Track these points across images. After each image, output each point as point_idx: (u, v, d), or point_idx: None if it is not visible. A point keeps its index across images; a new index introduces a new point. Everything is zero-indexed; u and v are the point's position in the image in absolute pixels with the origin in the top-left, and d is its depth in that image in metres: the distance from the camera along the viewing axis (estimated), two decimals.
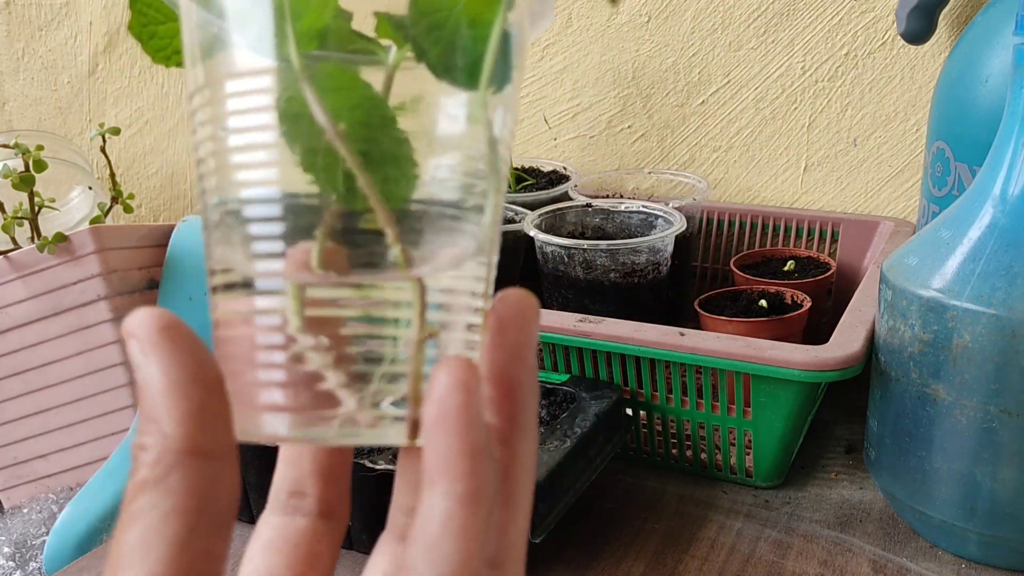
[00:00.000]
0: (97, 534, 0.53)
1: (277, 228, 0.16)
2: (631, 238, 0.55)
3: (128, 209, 0.69)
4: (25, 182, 0.59)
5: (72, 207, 0.72)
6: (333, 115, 0.16)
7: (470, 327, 0.18)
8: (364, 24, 0.16)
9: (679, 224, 0.53)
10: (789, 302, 0.52)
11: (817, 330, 0.54)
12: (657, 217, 0.56)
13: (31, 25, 0.90)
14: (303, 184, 0.16)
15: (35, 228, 0.61)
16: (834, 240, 0.61)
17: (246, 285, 0.17)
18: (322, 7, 0.16)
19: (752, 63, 0.65)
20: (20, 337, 0.60)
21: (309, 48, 0.16)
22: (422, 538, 0.15)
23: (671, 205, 0.56)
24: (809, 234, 0.61)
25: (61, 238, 0.57)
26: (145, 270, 0.62)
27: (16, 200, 0.61)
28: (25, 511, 0.60)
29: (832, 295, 0.57)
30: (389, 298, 0.17)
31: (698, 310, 0.51)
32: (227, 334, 0.17)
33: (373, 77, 0.16)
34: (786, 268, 0.57)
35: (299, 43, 0.16)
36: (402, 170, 0.16)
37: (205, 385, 0.15)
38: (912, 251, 0.39)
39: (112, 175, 0.68)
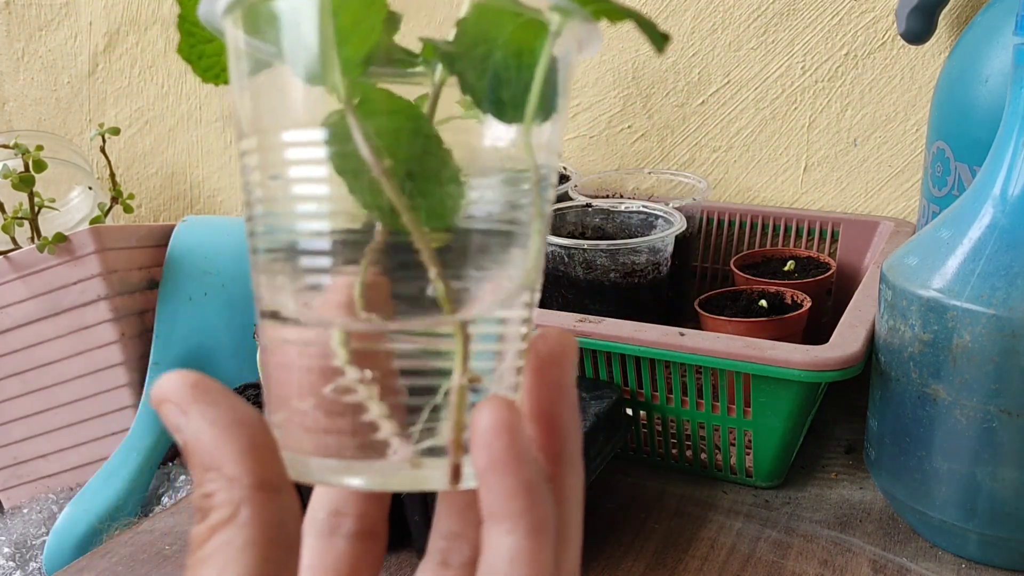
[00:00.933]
0: (97, 534, 0.53)
1: (323, 262, 0.16)
2: (631, 238, 0.55)
3: (128, 209, 0.69)
4: (25, 182, 0.59)
5: (72, 207, 0.72)
6: (379, 138, 0.16)
7: (513, 367, 0.17)
8: (409, 44, 0.16)
9: (679, 224, 0.53)
10: (789, 302, 0.52)
11: (817, 330, 0.54)
12: (657, 217, 0.56)
13: (31, 25, 0.90)
14: (349, 217, 0.16)
15: (35, 228, 0.61)
16: (834, 240, 0.61)
17: (291, 317, 0.17)
18: (368, 32, 0.16)
19: (752, 63, 0.65)
20: (20, 337, 0.60)
21: (355, 74, 0.16)
22: (492, 575, 0.15)
23: (671, 205, 0.56)
24: (809, 234, 0.61)
25: (61, 238, 0.57)
26: (145, 270, 0.62)
27: (16, 200, 0.61)
28: (25, 511, 0.60)
29: (832, 295, 0.56)
30: (431, 341, 0.16)
31: (698, 310, 0.51)
32: (274, 361, 0.17)
33: (418, 97, 0.16)
34: (786, 268, 0.57)
35: (345, 69, 0.16)
36: (447, 190, 0.16)
37: (250, 425, 0.15)
38: (912, 251, 0.39)
39: (112, 175, 0.68)
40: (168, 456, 0.61)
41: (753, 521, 0.43)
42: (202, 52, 0.19)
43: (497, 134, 0.17)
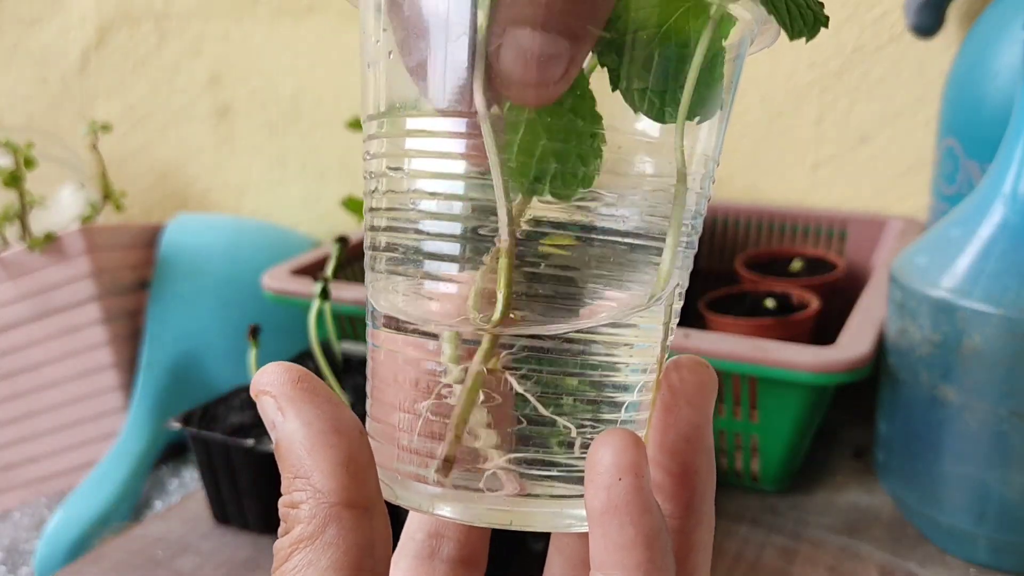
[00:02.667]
0: (88, 539, 0.52)
1: (445, 266, 0.15)
2: None
3: (119, 207, 0.68)
4: (14, 180, 0.58)
5: (63, 205, 0.70)
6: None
7: (639, 397, 0.16)
8: None
9: None
10: (796, 302, 0.51)
11: (825, 331, 0.53)
12: None
13: (21, 20, 0.89)
14: (476, 217, 0.15)
15: (25, 227, 0.60)
16: (842, 239, 0.60)
17: (403, 323, 0.16)
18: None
19: (759, 58, 0.64)
20: (8, 339, 0.59)
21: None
22: None
23: None
24: (817, 233, 0.60)
25: (51, 238, 0.56)
26: (136, 270, 0.61)
27: (6, 198, 0.60)
28: (16, 516, 0.59)
29: (840, 295, 0.56)
30: (553, 357, 0.15)
31: (703, 311, 0.50)
32: (380, 372, 0.16)
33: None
34: (793, 268, 0.56)
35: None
36: (583, 153, 0.14)
37: (349, 437, 0.14)
38: (921, 250, 0.39)
39: (103, 173, 0.67)
40: (160, 460, 0.60)
41: (759, 527, 0.42)
42: None
43: (645, 130, 0.15)
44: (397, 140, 0.15)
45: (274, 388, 0.15)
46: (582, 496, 0.14)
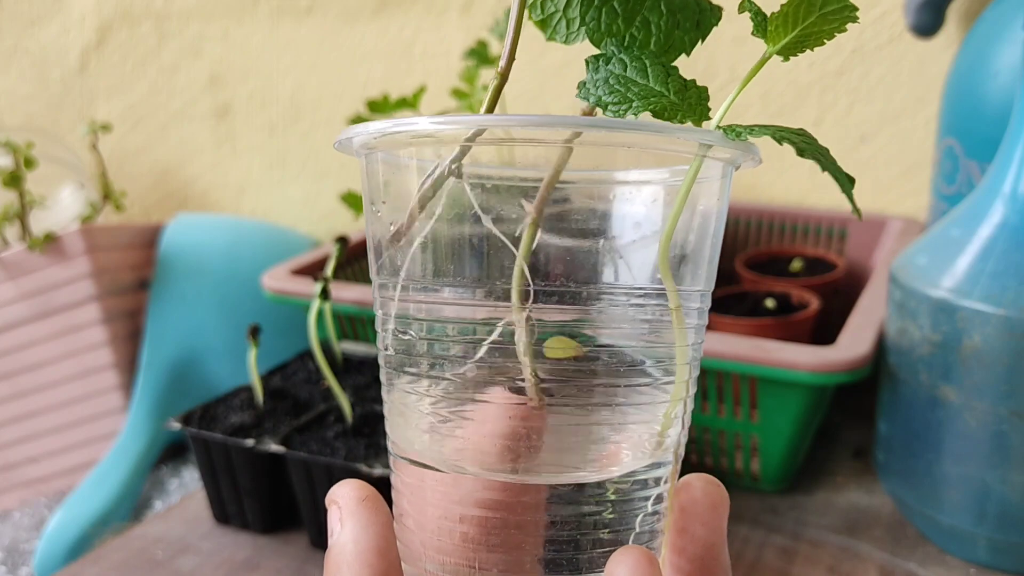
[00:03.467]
0: (88, 540, 0.52)
1: (450, 405, 0.16)
2: None
3: (119, 207, 0.68)
4: (14, 180, 0.58)
5: (63, 206, 0.70)
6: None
7: (653, 516, 0.16)
8: None
9: None
10: (796, 302, 0.51)
11: (825, 331, 0.53)
12: None
13: (21, 20, 0.89)
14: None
15: (25, 227, 0.60)
16: (842, 239, 0.60)
17: (418, 460, 0.16)
18: None
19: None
20: (9, 339, 0.59)
21: None
22: None
23: None
24: (817, 233, 0.60)
25: (51, 238, 0.56)
26: (136, 270, 0.61)
27: (6, 199, 0.60)
28: (16, 516, 0.59)
29: (840, 295, 0.56)
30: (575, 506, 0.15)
31: None
32: (406, 509, 0.17)
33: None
34: (793, 267, 0.56)
35: None
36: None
37: (389, 562, 0.15)
38: (921, 250, 0.39)
39: (103, 173, 0.67)
40: (160, 460, 0.60)
41: (759, 527, 0.42)
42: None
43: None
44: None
45: (342, 501, 0.16)
46: None
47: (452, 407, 0.16)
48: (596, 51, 0.16)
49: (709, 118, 0.16)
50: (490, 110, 0.16)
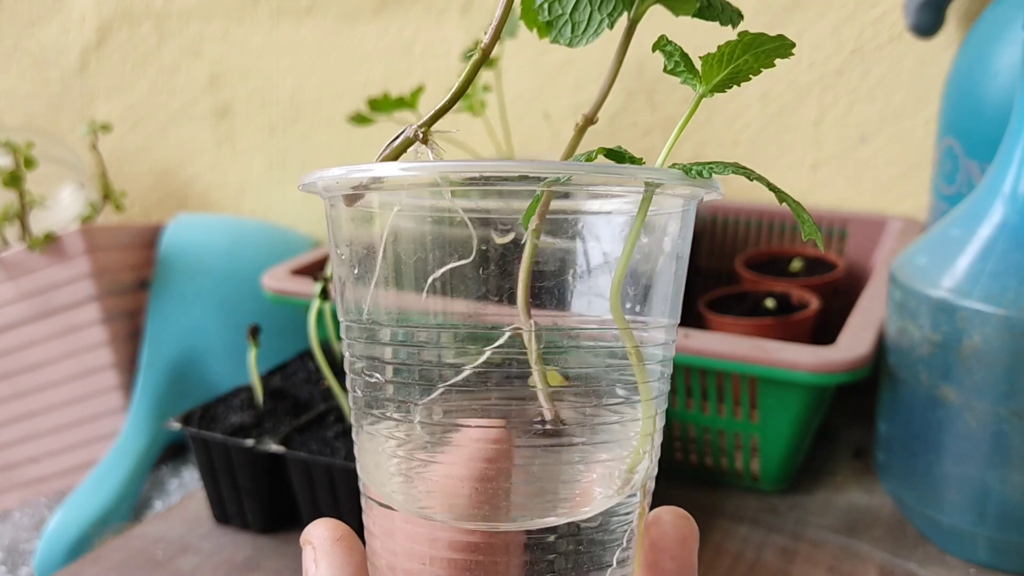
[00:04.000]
0: (88, 540, 0.52)
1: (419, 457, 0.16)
2: None
3: (119, 207, 0.68)
4: (14, 180, 0.58)
5: (63, 206, 0.71)
6: None
7: (623, 553, 0.16)
8: None
9: None
10: (796, 302, 0.51)
11: (825, 331, 0.53)
12: None
13: (21, 20, 0.89)
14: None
15: (25, 227, 0.60)
16: (842, 239, 0.60)
17: (387, 503, 0.17)
18: None
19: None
20: (9, 339, 0.59)
21: None
22: None
23: None
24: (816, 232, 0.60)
25: (51, 238, 0.56)
26: (136, 270, 0.61)
27: (6, 199, 0.60)
28: (16, 516, 0.59)
29: (840, 295, 0.56)
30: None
31: (704, 311, 0.50)
32: (375, 545, 0.17)
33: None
34: (793, 267, 0.56)
35: None
36: None
37: None
38: (921, 250, 0.39)
39: (103, 173, 0.67)
40: (160, 460, 0.60)
41: (759, 527, 0.42)
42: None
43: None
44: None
45: (316, 541, 0.16)
46: None
47: (419, 450, 0.16)
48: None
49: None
50: (465, 85, 0.16)
